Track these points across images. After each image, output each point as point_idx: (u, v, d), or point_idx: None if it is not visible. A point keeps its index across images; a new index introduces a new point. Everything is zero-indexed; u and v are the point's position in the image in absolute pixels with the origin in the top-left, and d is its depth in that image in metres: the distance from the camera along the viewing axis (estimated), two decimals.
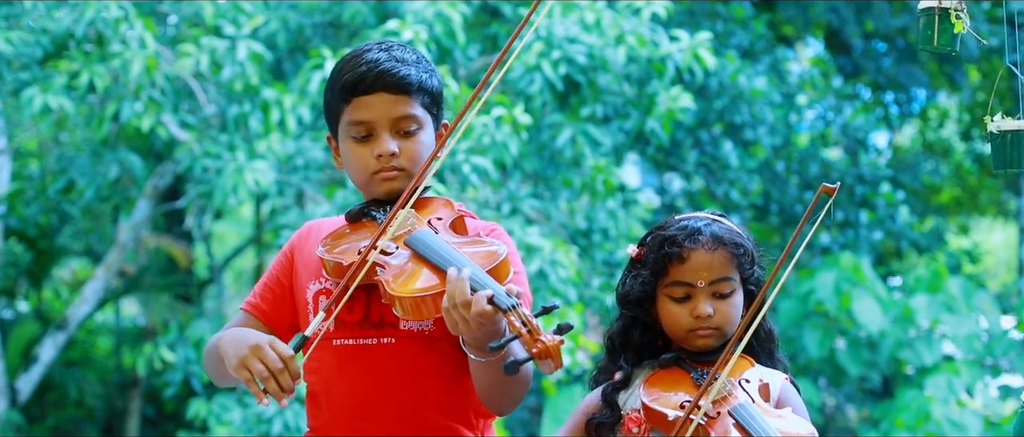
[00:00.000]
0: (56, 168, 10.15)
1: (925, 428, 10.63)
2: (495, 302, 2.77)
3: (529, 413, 11.63)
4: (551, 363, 2.70)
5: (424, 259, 2.94)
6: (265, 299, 3.26)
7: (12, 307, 13.06)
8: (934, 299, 11.48)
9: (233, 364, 2.96)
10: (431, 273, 2.90)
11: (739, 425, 2.92)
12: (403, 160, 3.12)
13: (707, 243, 3.09)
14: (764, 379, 3.08)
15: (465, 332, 2.83)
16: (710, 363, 3.06)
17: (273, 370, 2.90)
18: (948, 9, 3.30)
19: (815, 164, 13.03)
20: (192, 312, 11.94)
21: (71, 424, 12.97)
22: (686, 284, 3.09)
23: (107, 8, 8.39)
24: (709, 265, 3.08)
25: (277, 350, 2.91)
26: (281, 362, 2.90)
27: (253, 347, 2.93)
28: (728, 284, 3.10)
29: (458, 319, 2.80)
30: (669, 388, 3.03)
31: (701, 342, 3.10)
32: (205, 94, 8.98)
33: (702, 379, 3.02)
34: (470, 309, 2.77)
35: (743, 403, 2.96)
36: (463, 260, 2.89)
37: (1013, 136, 3.34)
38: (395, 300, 2.89)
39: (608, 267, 9.58)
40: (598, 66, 8.91)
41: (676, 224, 3.14)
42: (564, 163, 9.42)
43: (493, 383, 2.99)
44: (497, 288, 2.81)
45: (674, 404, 2.98)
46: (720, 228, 3.12)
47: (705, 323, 3.08)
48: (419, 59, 3.19)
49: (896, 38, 14.60)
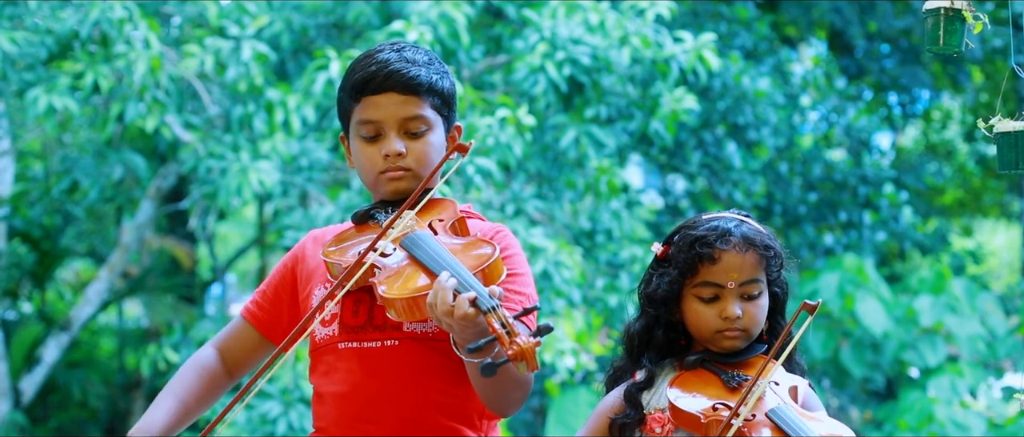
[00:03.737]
0: (60, 169, 10.15)
1: (928, 429, 10.63)
2: (477, 304, 2.77)
3: (532, 414, 11.63)
4: (525, 364, 2.68)
5: (417, 261, 2.94)
6: (262, 308, 3.29)
7: (16, 308, 13.06)
8: (937, 300, 11.48)
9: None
10: (424, 275, 2.90)
11: (776, 428, 2.90)
12: (410, 160, 3.12)
13: (738, 244, 3.08)
14: (791, 382, 3.07)
15: (452, 334, 2.84)
16: (735, 365, 3.06)
17: None
18: (959, 10, 3.29)
19: (818, 165, 13.04)
20: (195, 313, 11.94)
21: (74, 425, 12.98)
22: (716, 285, 3.07)
23: (112, 9, 8.40)
24: (740, 266, 3.07)
25: None
26: None
27: None
28: (757, 286, 3.08)
29: (442, 321, 2.81)
30: (698, 389, 3.01)
31: (728, 343, 3.08)
32: (209, 95, 8.98)
33: (732, 381, 3.01)
34: (452, 313, 2.78)
35: (780, 406, 2.95)
36: (452, 261, 2.89)
37: (1018, 137, 3.33)
38: (386, 302, 2.90)
39: (612, 268, 9.58)
40: (602, 67, 8.91)
41: (705, 224, 3.12)
42: (568, 164, 9.42)
43: (494, 385, 2.98)
44: (481, 290, 2.80)
45: (706, 406, 2.97)
46: (750, 229, 3.11)
47: (733, 324, 3.06)
48: (431, 60, 3.18)
49: (899, 39, 14.61)
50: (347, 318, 3.10)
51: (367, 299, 3.09)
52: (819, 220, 13.16)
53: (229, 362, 3.31)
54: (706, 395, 3.00)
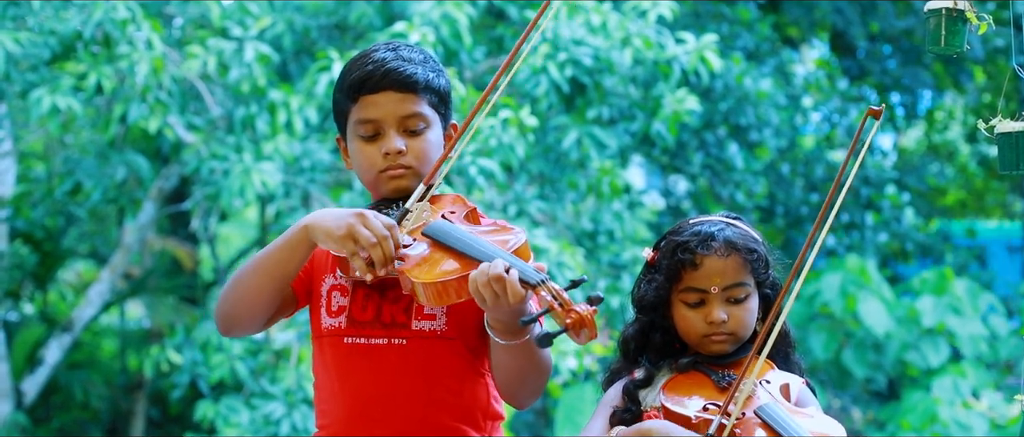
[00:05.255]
0: (62, 170, 10.15)
1: (931, 430, 10.63)
2: (524, 278, 2.81)
3: (535, 415, 11.63)
4: (587, 332, 2.74)
5: (445, 246, 2.96)
6: None
7: (17, 309, 13.06)
8: (940, 301, 11.48)
9: (337, 235, 2.92)
10: (453, 260, 2.92)
11: (765, 424, 2.91)
12: (410, 158, 3.14)
13: (720, 249, 3.08)
14: (783, 380, 3.08)
15: (495, 310, 2.86)
16: (728, 366, 3.06)
17: (380, 237, 2.89)
18: (962, 11, 3.29)
19: (820, 166, 13.03)
20: (197, 314, 11.94)
21: (76, 426, 12.97)
22: (699, 290, 3.08)
23: (115, 9, 8.40)
24: (722, 271, 3.07)
25: (380, 218, 2.92)
26: (386, 230, 2.91)
27: (357, 215, 2.92)
28: (742, 289, 3.09)
29: (489, 296, 2.82)
30: (690, 391, 3.02)
31: (716, 347, 3.09)
32: (212, 96, 8.99)
33: (723, 381, 3.02)
34: (506, 289, 2.80)
35: (768, 403, 2.96)
36: (486, 244, 2.92)
37: (1018, 137, 3.34)
38: (418, 287, 2.90)
39: (614, 269, 9.58)
40: (604, 68, 8.92)
41: (690, 229, 3.13)
42: (570, 165, 9.43)
43: (518, 370, 3.01)
44: (524, 266, 2.85)
45: (696, 406, 2.98)
46: (734, 233, 3.11)
47: (719, 328, 3.07)
48: (426, 59, 3.20)
49: (901, 40, 14.60)
50: (355, 312, 3.11)
51: (375, 296, 3.10)
52: None
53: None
54: (698, 396, 3.01)
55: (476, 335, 3.08)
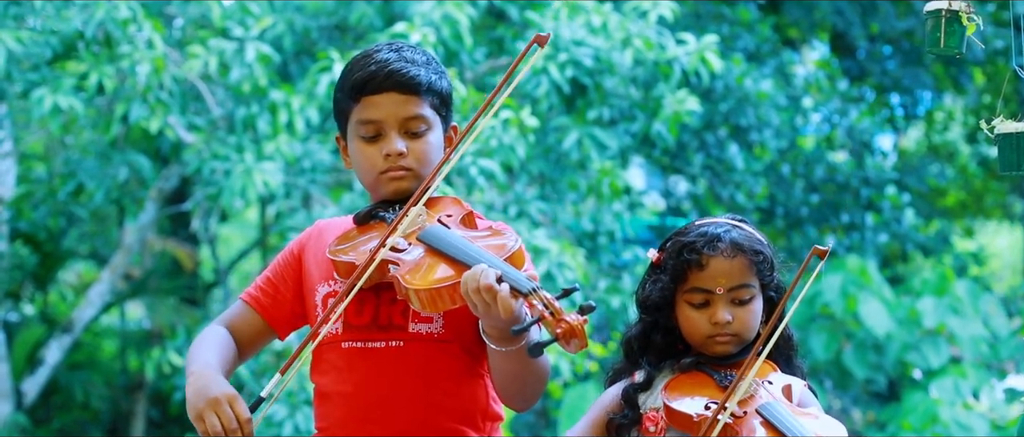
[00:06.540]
0: (64, 171, 10.15)
1: (932, 431, 10.63)
2: (515, 287, 2.80)
3: (535, 416, 11.63)
4: (577, 342, 2.72)
5: (439, 252, 2.95)
6: (265, 293, 3.25)
7: (18, 310, 13.07)
8: (940, 302, 11.48)
9: (191, 413, 2.97)
10: (447, 266, 2.91)
11: (767, 423, 2.92)
12: (411, 160, 3.12)
13: (726, 250, 3.09)
14: (785, 382, 3.09)
15: (487, 318, 2.85)
16: (731, 366, 3.07)
17: (228, 430, 2.90)
18: (957, 11, 3.30)
19: (821, 167, 13.04)
20: (198, 315, 11.95)
21: (76, 427, 12.98)
22: (705, 290, 3.09)
23: (116, 9, 8.41)
24: (728, 272, 3.08)
25: (236, 411, 2.91)
26: (237, 424, 2.91)
27: (211, 401, 2.93)
28: (747, 291, 3.10)
29: (480, 304, 2.81)
30: (691, 390, 3.03)
31: (720, 348, 3.09)
32: (213, 96, 8.99)
33: (725, 380, 3.03)
34: (496, 297, 2.79)
35: (771, 402, 2.97)
36: (479, 251, 2.91)
37: (1019, 138, 3.35)
38: (411, 293, 2.90)
39: (614, 269, 9.59)
40: (604, 69, 8.92)
41: (696, 230, 3.14)
42: (570, 166, 9.43)
43: (515, 376, 3.00)
44: (516, 274, 2.83)
45: (698, 405, 2.98)
46: (740, 234, 3.12)
47: (724, 330, 3.08)
48: (429, 60, 3.19)
49: (901, 40, 14.61)
50: (351, 317, 3.10)
51: (372, 299, 3.09)
52: (821, 222, 13.16)
53: (239, 343, 3.25)
54: (699, 395, 3.02)
55: (473, 338, 3.06)
